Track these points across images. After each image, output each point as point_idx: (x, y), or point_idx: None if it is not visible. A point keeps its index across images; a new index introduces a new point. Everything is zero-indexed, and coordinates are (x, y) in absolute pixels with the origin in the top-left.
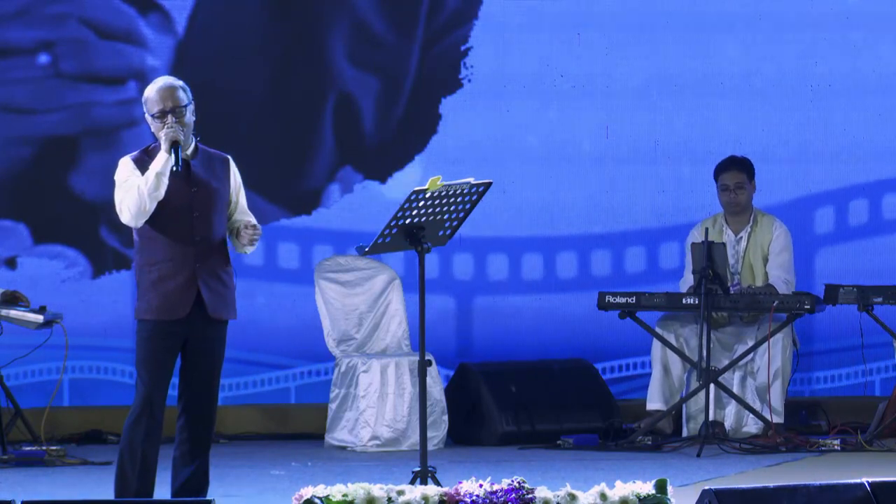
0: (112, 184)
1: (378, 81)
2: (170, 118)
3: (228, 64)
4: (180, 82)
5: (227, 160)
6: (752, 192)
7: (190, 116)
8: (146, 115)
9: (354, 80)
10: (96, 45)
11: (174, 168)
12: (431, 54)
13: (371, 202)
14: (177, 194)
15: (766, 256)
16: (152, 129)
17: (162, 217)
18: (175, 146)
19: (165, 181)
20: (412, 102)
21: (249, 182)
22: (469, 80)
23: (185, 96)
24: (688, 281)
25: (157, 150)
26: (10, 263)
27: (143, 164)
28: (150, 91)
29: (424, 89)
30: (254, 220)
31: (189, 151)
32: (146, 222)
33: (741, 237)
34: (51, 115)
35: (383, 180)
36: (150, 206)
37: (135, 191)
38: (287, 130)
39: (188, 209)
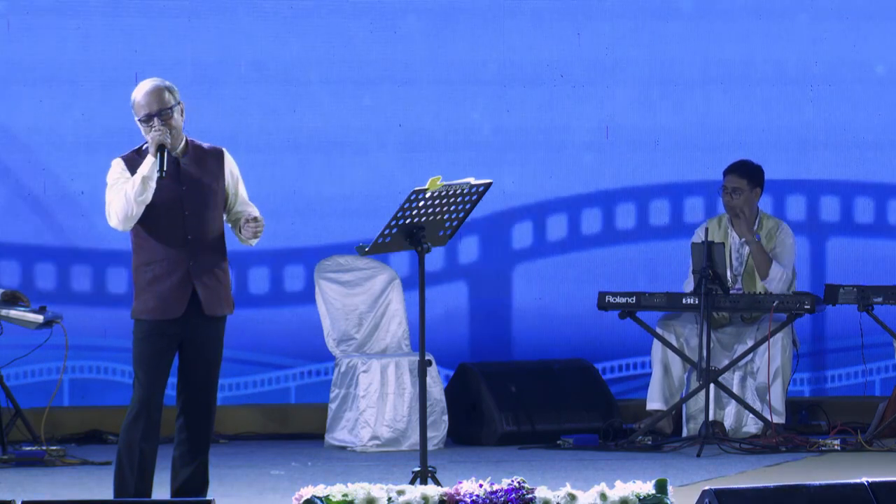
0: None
1: (378, 81)
2: (156, 121)
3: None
4: (167, 83)
5: (221, 153)
6: (754, 198)
7: (178, 117)
8: (135, 119)
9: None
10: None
11: (160, 174)
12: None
13: (371, 202)
14: (166, 194)
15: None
16: (142, 132)
17: (153, 217)
18: (161, 150)
19: (152, 185)
20: (414, 102)
21: (249, 183)
22: (468, 80)
23: (171, 97)
24: (690, 282)
25: (148, 150)
26: (11, 263)
27: (133, 164)
28: (137, 94)
29: (426, 89)
30: (256, 213)
31: (179, 149)
32: (138, 223)
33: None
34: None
35: (384, 181)
36: (138, 211)
37: (122, 195)
38: (287, 130)
39: (179, 208)
